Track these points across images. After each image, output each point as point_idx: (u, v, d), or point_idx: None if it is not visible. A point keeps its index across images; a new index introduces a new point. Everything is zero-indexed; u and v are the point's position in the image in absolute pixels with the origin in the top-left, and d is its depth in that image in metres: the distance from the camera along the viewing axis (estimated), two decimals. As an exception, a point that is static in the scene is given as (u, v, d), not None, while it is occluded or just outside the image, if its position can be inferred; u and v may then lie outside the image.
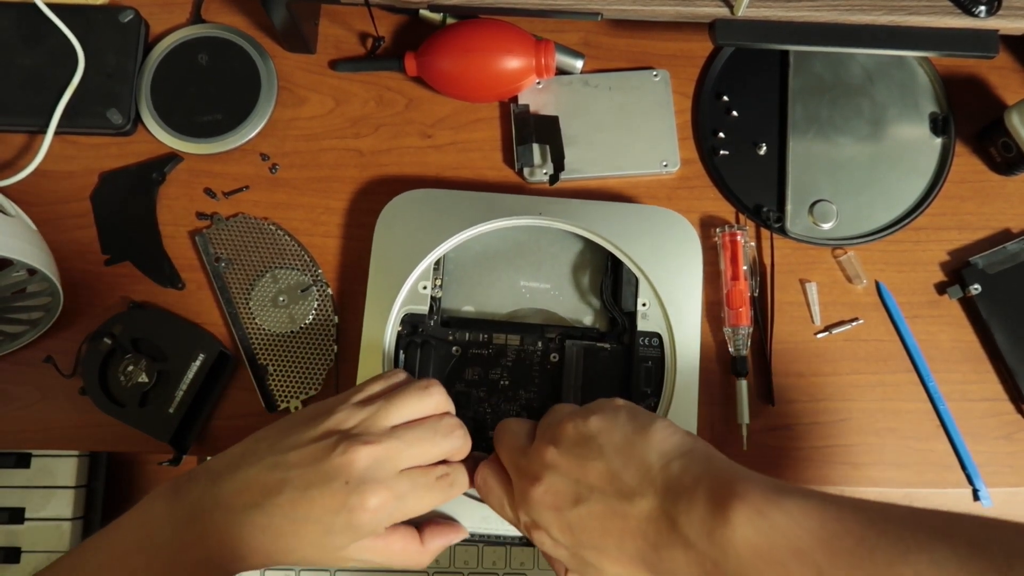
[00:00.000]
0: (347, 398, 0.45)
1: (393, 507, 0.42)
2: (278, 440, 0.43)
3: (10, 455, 0.57)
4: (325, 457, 0.41)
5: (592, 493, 0.40)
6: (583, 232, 0.55)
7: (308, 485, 0.41)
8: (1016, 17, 0.51)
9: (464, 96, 0.59)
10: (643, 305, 0.53)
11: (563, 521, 0.41)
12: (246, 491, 0.41)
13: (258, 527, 0.41)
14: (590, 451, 0.41)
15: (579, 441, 0.42)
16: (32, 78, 0.58)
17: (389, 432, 0.43)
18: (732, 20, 0.52)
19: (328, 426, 0.43)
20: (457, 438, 0.45)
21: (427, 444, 0.44)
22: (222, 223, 0.58)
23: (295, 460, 0.41)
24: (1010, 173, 0.59)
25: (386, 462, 0.42)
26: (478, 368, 0.54)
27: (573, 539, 0.41)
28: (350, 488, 0.41)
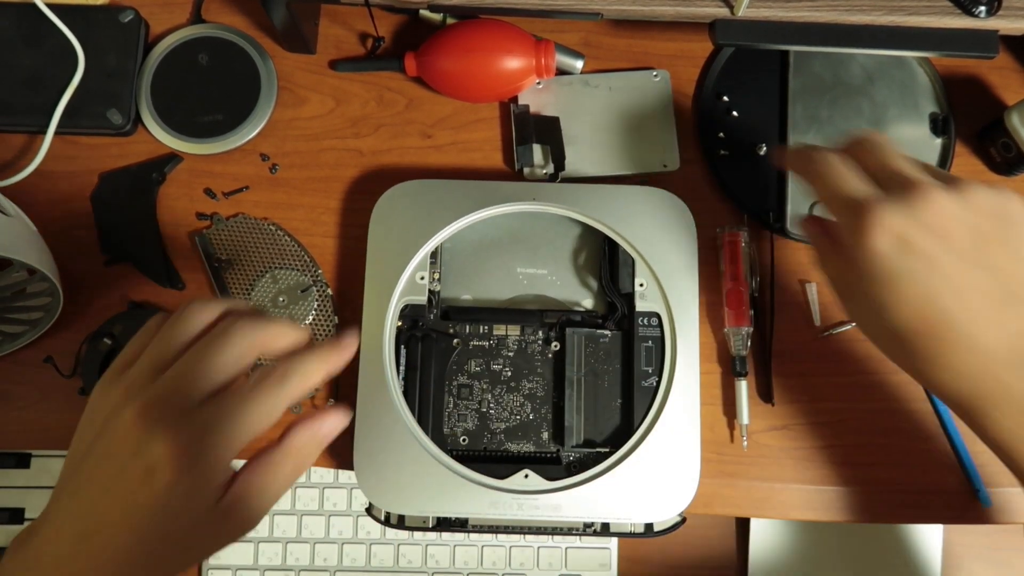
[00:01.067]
0: (116, 368, 0.37)
1: (200, 448, 0.33)
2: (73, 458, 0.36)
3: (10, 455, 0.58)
4: (110, 443, 0.34)
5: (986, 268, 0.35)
6: (577, 215, 0.55)
7: (104, 486, 0.34)
8: (1016, 17, 0.51)
9: (464, 96, 0.59)
10: (640, 285, 0.54)
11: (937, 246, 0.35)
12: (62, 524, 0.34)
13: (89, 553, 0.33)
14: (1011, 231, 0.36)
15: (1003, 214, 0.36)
16: (32, 78, 0.58)
17: (151, 378, 0.35)
18: (732, 20, 0.52)
19: (104, 410, 0.35)
20: (242, 328, 0.35)
21: (209, 355, 0.35)
22: (222, 223, 0.58)
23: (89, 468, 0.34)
24: (1010, 173, 0.59)
25: (170, 399, 0.34)
26: (480, 360, 0.55)
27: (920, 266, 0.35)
28: (140, 454, 0.33)
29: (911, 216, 0.35)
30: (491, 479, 0.51)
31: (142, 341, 0.38)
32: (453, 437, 0.54)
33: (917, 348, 0.37)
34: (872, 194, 0.37)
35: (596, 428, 0.53)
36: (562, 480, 0.51)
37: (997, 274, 0.36)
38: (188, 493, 0.33)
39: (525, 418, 0.54)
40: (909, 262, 0.36)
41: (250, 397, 0.35)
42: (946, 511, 0.55)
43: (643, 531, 0.51)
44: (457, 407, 0.54)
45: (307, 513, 0.64)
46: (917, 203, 0.36)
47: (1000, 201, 0.36)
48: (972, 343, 0.36)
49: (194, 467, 0.33)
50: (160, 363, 0.35)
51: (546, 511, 0.50)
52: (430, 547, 0.64)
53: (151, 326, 0.38)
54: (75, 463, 0.35)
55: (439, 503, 0.50)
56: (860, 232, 0.36)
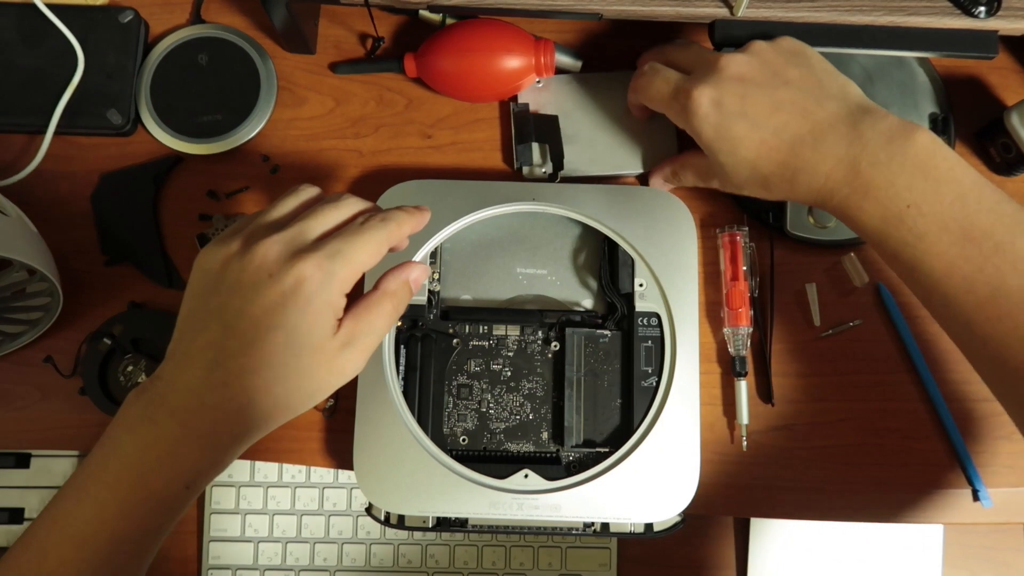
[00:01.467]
0: (221, 237, 0.41)
1: (332, 265, 0.39)
2: (191, 308, 0.40)
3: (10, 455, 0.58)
4: (240, 278, 0.38)
5: (786, 84, 0.45)
6: (576, 215, 0.55)
7: (240, 310, 0.38)
8: (1016, 17, 0.51)
9: (464, 96, 0.59)
10: (640, 285, 0.54)
11: (740, 89, 0.45)
12: (189, 365, 0.38)
13: (220, 382, 0.38)
14: (795, 57, 0.46)
15: (782, 49, 0.46)
16: (32, 78, 0.58)
17: (282, 220, 0.41)
18: (732, 20, 0.52)
19: (222, 258, 0.40)
20: (350, 199, 0.43)
21: (325, 213, 0.42)
22: (222, 224, 0.58)
23: (217, 305, 0.39)
24: (1010, 174, 0.59)
25: (297, 238, 0.40)
26: (480, 360, 0.55)
27: (736, 108, 0.44)
28: (278, 278, 0.38)
29: (715, 81, 0.45)
30: (491, 479, 0.51)
31: (239, 221, 0.43)
32: (453, 437, 0.54)
33: (778, 176, 0.45)
34: (683, 80, 0.47)
35: (596, 428, 0.53)
36: (562, 480, 0.51)
37: (800, 84, 0.45)
38: (321, 310, 0.38)
39: (525, 418, 0.54)
40: (729, 112, 0.45)
41: (361, 233, 0.41)
42: (946, 511, 0.55)
43: (643, 531, 0.51)
44: (457, 407, 0.54)
45: (307, 513, 0.64)
46: (716, 69, 0.46)
47: (777, 43, 0.47)
48: (816, 142, 0.44)
49: (327, 285, 0.38)
50: (278, 222, 0.41)
51: (546, 511, 0.50)
52: (430, 547, 0.64)
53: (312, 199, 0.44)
54: (197, 304, 0.40)
55: (439, 503, 0.50)
56: (687, 113, 0.46)
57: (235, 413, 0.38)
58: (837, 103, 0.44)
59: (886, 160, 0.42)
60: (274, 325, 0.38)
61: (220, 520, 0.63)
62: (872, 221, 0.43)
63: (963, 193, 0.41)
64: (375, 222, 0.42)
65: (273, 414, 0.39)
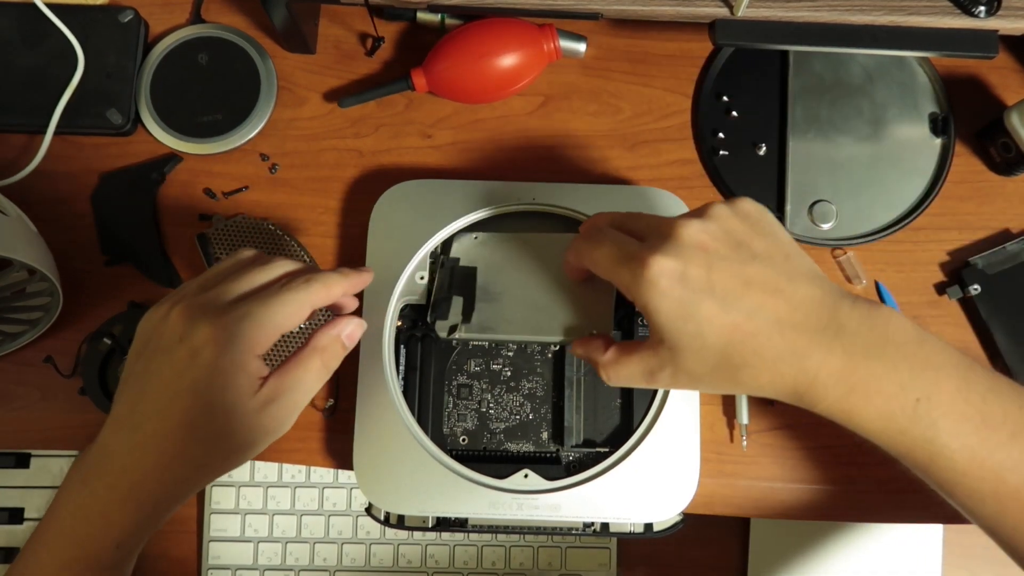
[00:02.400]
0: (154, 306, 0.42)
1: (237, 327, 0.39)
2: (127, 370, 0.41)
3: (10, 455, 0.58)
4: (160, 341, 0.40)
5: (754, 259, 0.38)
6: (577, 216, 0.55)
7: (157, 374, 0.39)
8: (1016, 17, 0.51)
9: (479, 99, 0.59)
10: None
11: (704, 260, 0.37)
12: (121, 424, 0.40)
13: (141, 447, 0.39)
14: (758, 225, 0.39)
15: (744, 214, 0.39)
16: (32, 78, 0.58)
17: (195, 293, 0.41)
18: (732, 20, 0.52)
19: (153, 322, 0.41)
20: (280, 262, 0.43)
21: (249, 274, 0.42)
22: (222, 223, 0.58)
23: (141, 369, 0.40)
24: (1010, 173, 0.59)
25: (213, 301, 0.40)
26: (479, 360, 0.55)
27: (702, 283, 0.37)
28: (185, 341, 0.38)
29: (675, 249, 0.38)
30: (491, 479, 0.51)
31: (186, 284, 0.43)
32: (453, 437, 0.54)
33: (753, 368, 0.38)
34: (637, 246, 0.39)
35: (596, 428, 0.53)
36: (562, 480, 0.51)
37: (769, 258, 0.38)
38: (228, 371, 0.38)
39: (525, 418, 0.54)
40: (694, 287, 0.37)
41: (278, 295, 0.40)
42: (946, 511, 0.55)
43: (643, 531, 0.51)
44: (457, 407, 0.54)
45: (307, 513, 0.64)
46: (674, 236, 0.38)
47: (736, 207, 0.40)
48: (796, 329, 0.37)
49: (232, 346, 0.38)
50: (205, 284, 0.41)
51: (546, 511, 0.50)
52: (429, 547, 0.64)
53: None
54: (129, 368, 0.41)
55: (439, 503, 0.50)
56: (641, 284, 0.38)
57: (152, 476, 0.39)
58: (809, 283, 0.38)
59: (878, 352, 0.37)
60: (183, 388, 0.38)
61: (220, 520, 0.63)
62: (879, 421, 0.37)
63: (963, 376, 0.37)
64: (298, 283, 0.41)
65: (193, 476, 0.40)
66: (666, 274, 0.37)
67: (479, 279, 0.52)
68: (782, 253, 0.39)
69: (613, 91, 0.61)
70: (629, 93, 0.61)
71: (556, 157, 0.60)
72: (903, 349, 0.37)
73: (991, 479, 0.37)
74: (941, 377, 0.37)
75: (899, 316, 0.38)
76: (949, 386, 0.37)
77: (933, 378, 0.37)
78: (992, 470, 0.37)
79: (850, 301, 0.38)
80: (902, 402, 0.37)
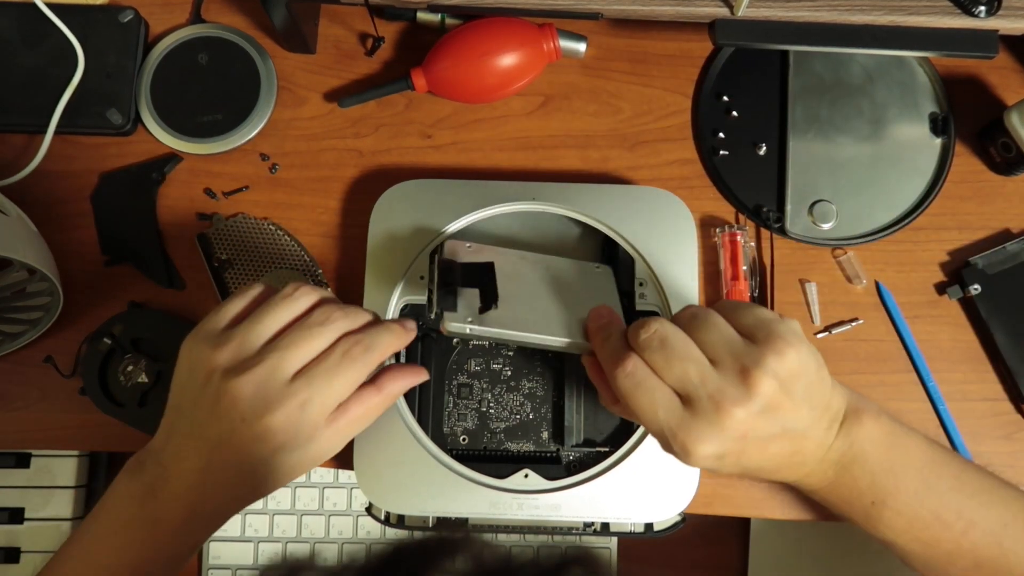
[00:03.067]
0: (214, 326, 0.43)
1: (302, 416, 0.41)
2: (180, 402, 0.43)
3: (10, 455, 0.57)
4: (216, 405, 0.41)
5: (783, 431, 0.40)
6: (577, 215, 0.55)
7: (221, 439, 0.41)
8: (1016, 17, 0.51)
9: (479, 99, 0.59)
10: (640, 285, 0.53)
11: (739, 447, 0.40)
12: (184, 459, 0.42)
13: (212, 484, 0.42)
14: (794, 389, 0.39)
15: (789, 376, 0.39)
16: (32, 78, 0.58)
17: (263, 349, 0.42)
18: (732, 20, 0.52)
19: (207, 368, 0.42)
20: (336, 320, 0.43)
21: (307, 342, 0.42)
22: (222, 223, 0.58)
23: (200, 418, 0.41)
24: (1010, 173, 0.59)
25: (270, 377, 0.41)
26: (480, 359, 0.55)
27: (733, 463, 0.40)
28: (248, 423, 0.40)
29: (717, 435, 0.39)
30: (491, 479, 0.51)
31: (238, 306, 0.44)
32: (453, 436, 0.54)
33: (741, 475, 0.43)
34: (680, 420, 0.39)
35: (596, 427, 0.53)
36: (562, 480, 0.51)
37: (794, 423, 0.40)
38: (289, 447, 0.42)
39: (525, 417, 0.54)
40: (725, 464, 0.41)
41: (340, 369, 0.42)
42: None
43: (643, 531, 0.51)
44: (457, 406, 0.54)
45: (307, 513, 0.64)
46: (719, 419, 0.39)
47: (783, 367, 0.39)
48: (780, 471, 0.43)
49: (296, 436, 0.41)
50: (258, 341, 0.42)
51: (546, 511, 0.50)
52: (430, 547, 0.64)
53: (249, 293, 0.45)
54: (186, 408, 0.42)
55: (439, 503, 0.50)
56: (682, 457, 0.40)
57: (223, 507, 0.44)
58: (819, 430, 0.42)
59: (846, 467, 0.42)
60: (249, 460, 0.42)
61: None
62: (842, 514, 0.45)
63: (924, 478, 0.43)
64: (357, 352, 0.43)
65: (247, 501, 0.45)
66: (706, 457, 0.40)
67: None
68: (808, 406, 0.40)
69: (613, 91, 0.61)
70: (629, 93, 0.61)
71: (556, 157, 0.60)
72: (869, 461, 0.42)
73: (944, 561, 0.43)
74: (900, 483, 0.42)
75: (878, 426, 0.42)
76: (907, 488, 0.42)
77: (892, 485, 0.42)
78: (945, 555, 0.43)
79: (838, 425, 0.42)
80: (857, 505, 0.43)
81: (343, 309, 0.44)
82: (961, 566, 0.43)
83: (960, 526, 0.42)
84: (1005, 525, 0.42)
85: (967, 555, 0.43)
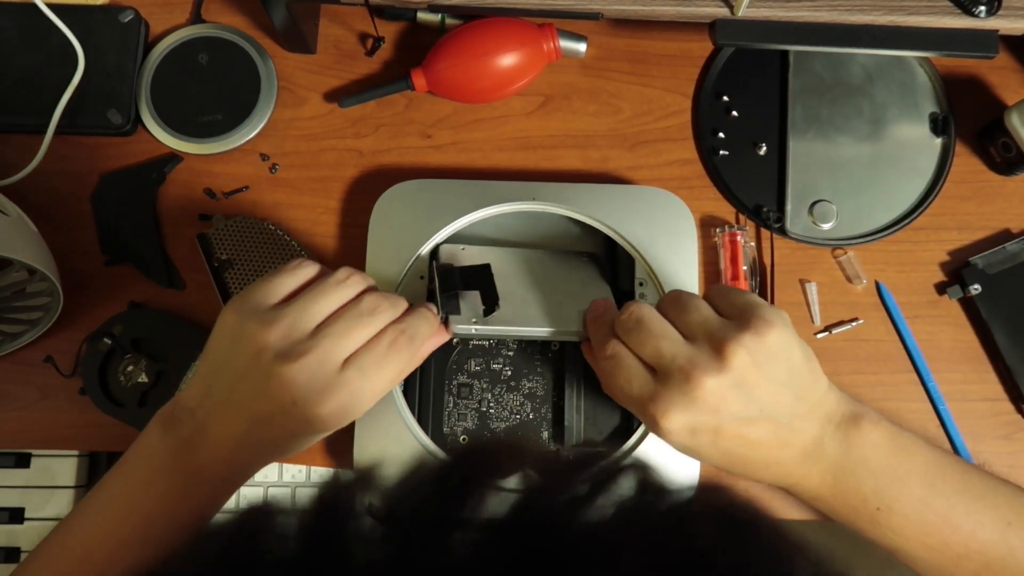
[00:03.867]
0: (262, 300, 0.43)
1: (352, 401, 0.42)
2: (222, 370, 0.43)
3: (10, 455, 0.57)
4: (265, 385, 0.41)
5: (761, 414, 0.40)
6: (577, 215, 0.55)
7: (269, 416, 0.42)
8: (1016, 17, 0.51)
9: (479, 99, 0.59)
10: (640, 284, 0.53)
11: (714, 422, 0.39)
12: (225, 423, 0.43)
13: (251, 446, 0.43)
14: (773, 370, 0.40)
15: (767, 356, 0.39)
16: (32, 78, 0.58)
17: (314, 333, 0.42)
18: (732, 20, 0.52)
19: (256, 345, 0.42)
20: (384, 310, 0.44)
21: (357, 330, 0.43)
22: (222, 223, 0.58)
23: (245, 391, 0.42)
24: (1010, 173, 0.59)
25: (323, 365, 0.42)
26: (480, 359, 0.55)
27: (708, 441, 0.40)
28: (300, 407, 0.41)
29: (688, 405, 0.39)
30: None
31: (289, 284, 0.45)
32: (453, 436, 0.54)
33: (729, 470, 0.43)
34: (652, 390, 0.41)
35: (596, 427, 0.53)
36: (562, 480, 0.51)
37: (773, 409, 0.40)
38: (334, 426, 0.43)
39: (525, 417, 0.54)
40: (701, 442, 0.40)
41: (388, 359, 0.43)
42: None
43: (643, 531, 0.51)
44: (457, 406, 0.54)
45: (307, 513, 0.64)
46: (689, 388, 0.39)
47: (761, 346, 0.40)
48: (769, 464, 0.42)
49: (344, 419, 0.43)
50: (310, 324, 0.43)
51: (546, 511, 0.50)
52: (430, 547, 0.64)
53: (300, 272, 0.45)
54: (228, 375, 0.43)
55: None
56: (653, 428, 0.41)
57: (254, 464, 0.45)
58: (806, 420, 0.41)
59: (849, 472, 0.42)
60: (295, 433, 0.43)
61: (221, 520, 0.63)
62: (846, 520, 0.43)
63: (930, 483, 0.42)
64: (403, 341, 0.44)
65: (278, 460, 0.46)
66: (676, 430, 0.40)
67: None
68: (791, 394, 0.41)
69: (613, 91, 0.61)
70: (629, 93, 0.61)
71: (556, 157, 0.60)
72: (872, 466, 0.42)
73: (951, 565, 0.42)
74: (905, 488, 0.42)
75: (879, 431, 0.42)
76: (913, 493, 0.42)
77: (897, 490, 0.42)
78: (953, 558, 0.42)
79: (834, 427, 0.42)
80: (862, 511, 0.42)
81: (388, 299, 0.45)
82: (970, 568, 0.42)
83: (968, 528, 0.42)
84: (1009, 524, 0.42)
85: (976, 557, 0.42)
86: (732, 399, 0.39)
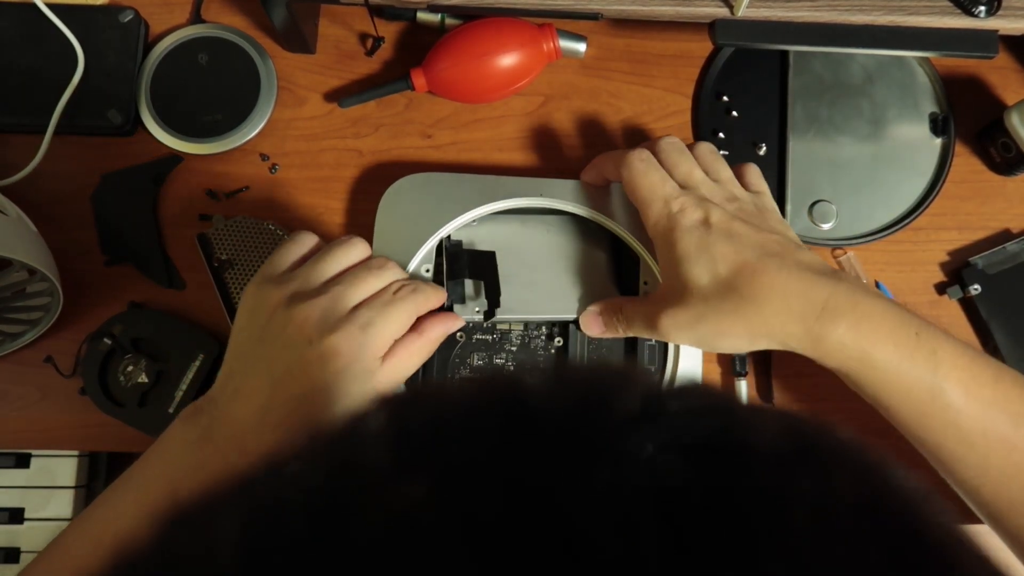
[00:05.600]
0: (273, 271, 0.47)
1: (364, 337, 0.44)
2: (242, 346, 0.46)
3: (10, 455, 0.57)
4: (282, 333, 0.44)
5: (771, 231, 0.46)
6: (584, 212, 0.54)
7: (288, 370, 0.43)
8: (1016, 17, 0.51)
9: (479, 99, 0.59)
10: (644, 284, 0.53)
11: (729, 218, 0.45)
12: (244, 399, 0.44)
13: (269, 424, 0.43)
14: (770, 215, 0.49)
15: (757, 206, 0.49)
16: (32, 78, 0.58)
17: (325, 284, 0.46)
18: (732, 20, 0.52)
19: (271, 304, 0.45)
20: (391, 267, 0.48)
21: (365, 280, 0.47)
22: (222, 223, 0.58)
23: (265, 354, 0.44)
24: (1010, 173, 0.59)
25: (334, 306, 0.44)
26: (483, 354, 0.55)
27: (724, 229, 0.45)
28: (315, 345, 0.43)
29: (708, 205, 0.46)
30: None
31: (295, 253, 0.48)
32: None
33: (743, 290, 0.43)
34: (679, 192, 0.47)
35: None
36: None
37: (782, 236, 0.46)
38: (358, 375, 0.44)
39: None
40: (717, 231, 0.45)
41: (395, 305, 0.46)
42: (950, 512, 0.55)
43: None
44: (458, 405, 0.54)
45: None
46: (708, 197, 0.47)
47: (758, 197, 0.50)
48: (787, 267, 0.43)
49: (361, 355, 0.44)
50: (320, 278, 0.46)
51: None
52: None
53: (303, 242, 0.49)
54: (248, 346, 0.45)
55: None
56: (671, 221, 0.46)
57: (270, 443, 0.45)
58: (812, 257, 0.45)
59: (875, 295, 0.43)
60: (314, 387, 0.43)
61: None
62: (890, 346, 0.41)
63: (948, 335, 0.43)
64: (406, 292, 0.47)
65: None
66: (696, 217, 0.46)
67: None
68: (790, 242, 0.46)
69: (613, 91, 0.61)
70: (629, 93, 0.61)
71: (556, 157, 0.60)
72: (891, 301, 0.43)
73: (981, 418, 0.41)
74: (931, 326, 0.42)
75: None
76: (940, 331, 0.42)
77: (923, 321, 0.42)
78: (990, 403, 0.41)
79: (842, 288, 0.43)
80: (906, 332, 0.41)
81: (394, 263, 0.49)
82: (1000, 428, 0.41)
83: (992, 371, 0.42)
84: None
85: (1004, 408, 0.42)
86: (744, 212, 0.47)
